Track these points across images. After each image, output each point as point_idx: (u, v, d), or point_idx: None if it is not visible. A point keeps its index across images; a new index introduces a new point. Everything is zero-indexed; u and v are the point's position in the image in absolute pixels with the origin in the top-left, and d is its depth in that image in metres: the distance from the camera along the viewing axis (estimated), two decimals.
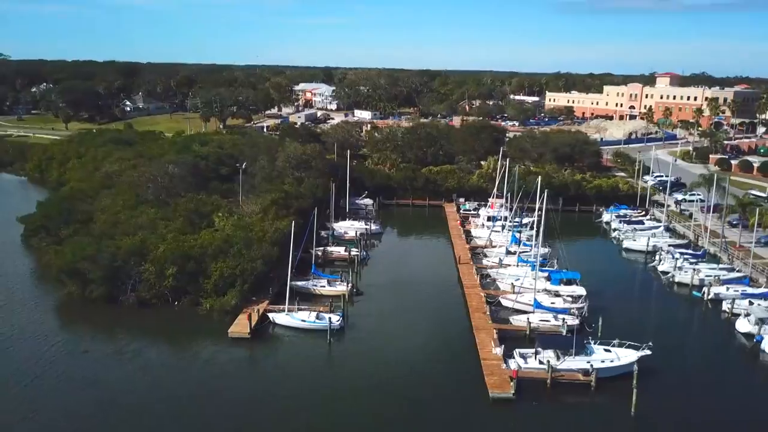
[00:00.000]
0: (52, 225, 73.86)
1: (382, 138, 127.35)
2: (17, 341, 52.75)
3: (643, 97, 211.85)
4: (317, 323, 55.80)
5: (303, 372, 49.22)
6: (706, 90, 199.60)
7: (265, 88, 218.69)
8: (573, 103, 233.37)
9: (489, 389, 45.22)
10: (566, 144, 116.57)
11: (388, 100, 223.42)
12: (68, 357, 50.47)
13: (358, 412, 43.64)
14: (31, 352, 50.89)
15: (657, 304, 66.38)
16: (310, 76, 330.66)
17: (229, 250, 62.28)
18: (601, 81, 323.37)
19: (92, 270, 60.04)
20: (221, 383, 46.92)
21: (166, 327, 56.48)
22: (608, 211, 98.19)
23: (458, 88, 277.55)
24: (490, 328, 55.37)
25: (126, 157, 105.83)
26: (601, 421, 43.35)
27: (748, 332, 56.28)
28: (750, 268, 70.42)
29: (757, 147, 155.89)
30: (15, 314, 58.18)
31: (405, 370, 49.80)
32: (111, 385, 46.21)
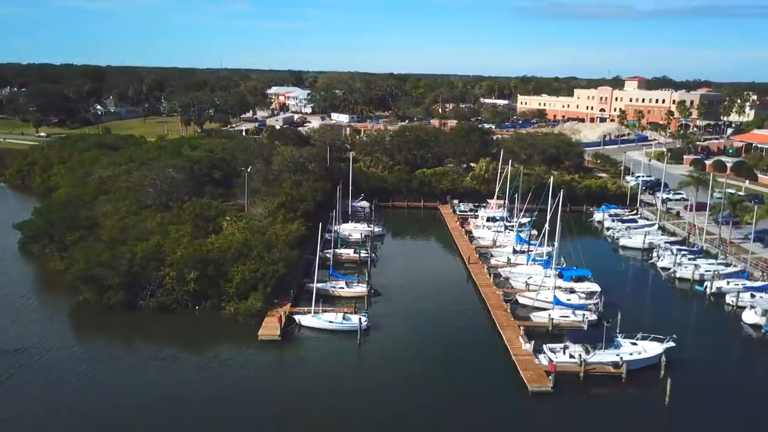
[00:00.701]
0: (56, 231, 72.28)
1: (369, 141, 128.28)
2: (46, 353, 51.39)
3: (612, 100, 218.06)
4: (344, 324, 56.32)
5: (338, 372, 49.71)
6: (673, 93, 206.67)
7: (241, 91, 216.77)
8: (544, 106, 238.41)
9: (527, 383, 46.50)
10: (552, 146, 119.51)
11: (364, 103, 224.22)
12: (102, 365, 49.76)
13: (400, 409, 44.38)
14: (64, 362, 49.91)
15: (662, 298, 68.83)
16: (281, 80, 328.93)
17: (249, 253, 62.21)
18: (566, 84, 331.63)
19: (110, 276, 59.26)
20: (259, 385, 47.14)
21: (194, 332, 56.12)
22: (599, 210, 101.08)
23: (430, 91, 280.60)
24: (513, 324, 56.83)
25: (116, 162, 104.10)
26: (636, 411, 45.04)
27: (755, 323, 59.11)
28: (745, 264, 73.70)
29: (725, 148, 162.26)
30: (33, 325, 56.86)
31: (437, 367, 50.83)
32: (154, 390, 45.86)
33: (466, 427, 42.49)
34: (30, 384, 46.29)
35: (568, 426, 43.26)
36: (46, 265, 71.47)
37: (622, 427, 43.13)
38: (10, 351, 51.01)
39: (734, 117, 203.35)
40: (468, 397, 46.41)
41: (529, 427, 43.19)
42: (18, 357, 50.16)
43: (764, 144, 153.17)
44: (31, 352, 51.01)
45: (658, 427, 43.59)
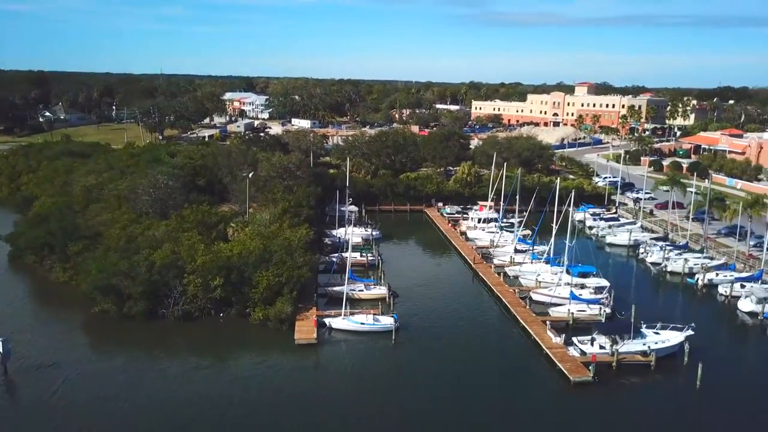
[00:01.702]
0: (56, 242, 69.88)
1: (347, 146, 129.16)
2: (81, 366, 50.05)
3: (565, 104, 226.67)
4: (375, 325, 57.30)
5: (378, 371, 50.76)
6: (622, 98, 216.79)
7: (198, 97, 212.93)
8: (499, 111, 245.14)
9: (569, 374, 48.80)
10: (527, 149, 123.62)
11: (323, 108, 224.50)
12: (145, 376, 48.95)
13: (449, 405, 45.80)
14: (104, 375, 48.69)
15: (658, 291, 73.07)
16: (231, 86, 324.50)
17: (270, 258, 62.22)
18: (513, 90, 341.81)
19: (130, 285, 58.16)
20: (309, 386, 47.69)
21: (227, 339, 55.78)
22: (578, 210, 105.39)
23: (384, 97, 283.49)
24: (537, 320, 59.25)
25: (96, 170, 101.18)
26: (670, 395, 48.04)
27: (752, 311, 63.69)
28: (727, 257, 79.07)
29: (676, 150, 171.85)
30: (56, 338, 55.04)
31: (472, 363, 52.53)
32: (208, 399, 45.52)
33: (519, 419, 44.35)
34: (78, 400, 45.09)
35: (614, 412, 45.80)
36: (46, 277, 69.22)
37: (662, 410, 45.95)
38: (45, 365, 49.46)
39: (677, 121, 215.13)
40: (512, 390, 48.33)
41: (580, 415, 45.36)
42: (56, 371, 48.67)
43: (711, 145, 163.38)
44: (66, 367, 49.50)
45: (693, 409, 46.70)
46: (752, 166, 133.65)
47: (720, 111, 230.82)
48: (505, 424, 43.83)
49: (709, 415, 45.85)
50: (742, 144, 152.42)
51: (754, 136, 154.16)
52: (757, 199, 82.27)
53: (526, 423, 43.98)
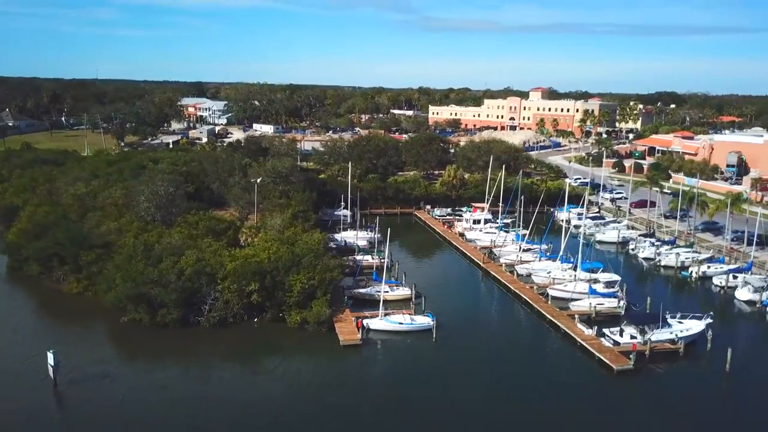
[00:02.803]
0: (66, 252, 67.69)
1: (327, 151, 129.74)
2: (126, 377, 49.32)
3: (521, 109, 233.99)
4: (413, 325, 58.64)
5: (429, 366, 52.38)
6: (576, 103, 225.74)
7: (156, 103, 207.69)
8: (455, 116, 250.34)
9: (612, 364, 51.59)
10: (504, 152, 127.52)
11: (285, 113, 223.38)
12: (198, 384, 48.70)
13: (501, 393, 48.17)
14: (155, 385, 48.23)
15: (657, 283, 77.28)
16: (182, 91, 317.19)
17: (300, 262, 62.49)
18: (464, 95, 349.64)
19: (163, 293, 57.33)
20: (369, 386, 48.62)
21: (270, 343, 55.91)
22: (561, 210, 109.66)
23: (340, 102, 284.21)
24: (562, 314, 62.04)
25: (81, 177, 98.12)
26: (704, 379, 51.78)
27: (750, 299, 68.66)
28: (713, 251, 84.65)
29: (631, 152, 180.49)
30: (91, 350, 53.62)
31: (512, 357, 54.92)
32: (275, 404, 45.78)
33: (572, 406, 46.66)
34: (136, 410, 44.43)
35: (659, 396, 48.68)
36: (57, 288, 67.03)
37: (701, 392, 49.55)
38: (91, 377, 48.39)
39: (627, 124, 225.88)
40: (558, 380, 50.73)
41: (629, 400, 48.08)
42: (105, 383, 47.83)
43: (665, 147, 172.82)
44: (114, 378, 48.71)
45: (729, 390, 50.41)
46: (709, 166, 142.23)
47: (664, 115, 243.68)
48: (560, 411, 45.88)
49: (743, 395, 49.53)
50: (695, 145, 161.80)
51: (705, 138, 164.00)
52: (738, 197, 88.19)
53: (581, 410, 46.29)
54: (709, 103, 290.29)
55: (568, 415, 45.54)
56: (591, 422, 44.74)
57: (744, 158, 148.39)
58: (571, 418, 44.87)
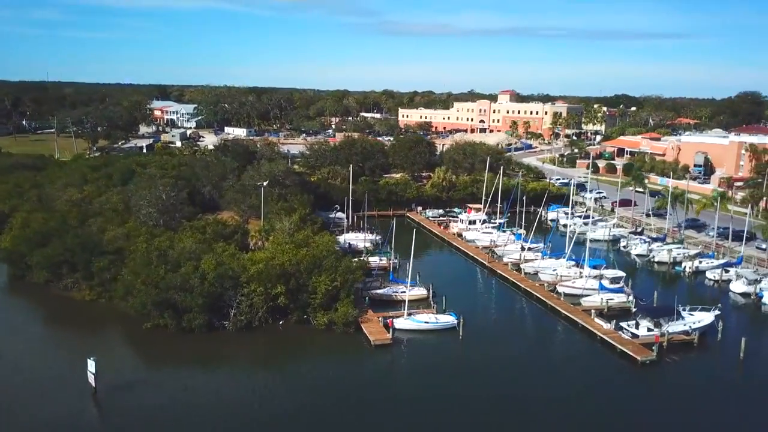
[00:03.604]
0: (78, 259, 66.32)
1: (312, 154, 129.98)
2: (162, 383, 49.18)
3: (491, 112, 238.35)
4: (439, 323, 59.89)
5: (459, 362, 53.82)
6: (545, 106, 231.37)
7: (125, 106, 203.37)
8: (425, 119, 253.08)
9: (636, 355, 53.91)
10: (488, 154, 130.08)
11: (256, 116, 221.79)
12: (235, 388, 48.71)
13: (531, 384, 49.89)
14: (194, 391, 48.13)
15: (654, 278, 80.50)
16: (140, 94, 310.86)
17: (321, 264, 62.91)
18: (428, 98, 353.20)
19: (189, 298, 56.98)
20: (412, 383, 49.60)
21: (302, 346, 56.43)
22: (550, 209, 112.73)
23: (308, 104, 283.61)
24: (577, 309, 64.29)
25: (72, 183, 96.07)
26: (721, 366, 54.58)
27: (744, 291, 72.40)
28: (702, 247, 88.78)
29: (601, 153, 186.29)
30: (120, 357, 52.96)
31: (538, 350, 57.06)
32: (316, 406, 46.21)
33: (602, 396, 48.74)
34: (179, 416, 44.33)
35: (685, 385, 51.24)
36: (67, 296, 65.61)
37: (721, 379, 52.30)
38: (127, 383, 48.06)
39: (592, 126, 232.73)
40: (584, 371, 52.86)
41: (657, 389, 50.36)
42: (142, 389, 47.65)
43: (631, 148, 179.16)
44: (155, 384, 48.60)
45: (743, 378, 53.28)
46: (680, 166, 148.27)
47: (626, 117, 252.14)
48: (593, 401, 47.81)
49: (759, 382, 52.50)
50: (662, 146, 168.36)
51: (673, 139, 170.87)
52: (723, 195, 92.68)
53: (612, 399, 48.38)
54: (665, 105, 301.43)
55: (602, 404, 47.51)
56: (625, 410, 46.79)
57: (710, 158, 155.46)
58: (605, 408, 46.92)
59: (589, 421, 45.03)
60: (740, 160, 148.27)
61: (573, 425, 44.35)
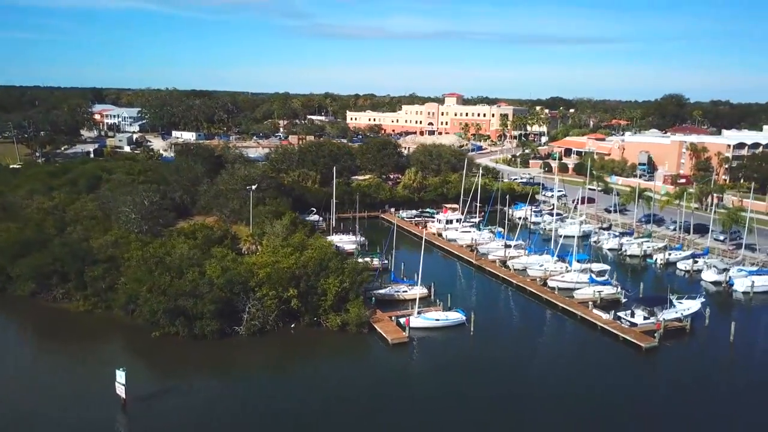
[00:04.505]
0: (70, 268, 63.62)
1: (277, 157, 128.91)
2: (188, 391, 48.18)
3: (439, 114, 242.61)
4: (449, 320, 61.31)
5: (475, 355, 55.32)
6: (491, 108, 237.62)
7: (66, 111, 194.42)
8: (374, 121, 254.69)
9: (639, 342, 57.08)
10: (452, 156, 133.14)
11: (205, 120, 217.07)
12: (261, 394, 48.46)
13: (545, 373, 52.41)
14: (222, 398, 47.63)
15: (629, 270, 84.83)
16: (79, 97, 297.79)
17: (327, 266, 63.03)
18: (372, 101, 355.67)
19: (200, 305, 55.96)
20: (438, 378, 50.78)
21: (320, 348, 56.55)
22: (516, 208, 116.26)
23: (254, 107, 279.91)
24: (573, 302, 67.20)
25: (37, 190, 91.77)
26: (714, 349, 58.62)
27: (715, 280, 77.58)
28: (667, 240, 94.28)
29: (550, 153, 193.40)
30: (137, 368, 51.40)
31: (545, 342, 59.79)
32: (352, 408, 46.67)
33: (612, 382, 51.46)
34: (211, 425, 43.77)
35: (689, 368, 54.77)
36: (59, 308, 62.91)
37: (717, 360, 56.35)
38: (154, 393, 46.92)
39: (538, 128, 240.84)
40: (591, 360, 55.58)
41: (664, 373, 53.83)
42: (170, 399, 46.64)
43: (578, 148, 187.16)
44: (182, 392, 47.59)
45: (736, 358, 57.51)
46: (628, 164, 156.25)
47: (567, 119, 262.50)
48: (609, 386, 50.45)
49: (749, 360, 56.83)
50: (608, 146, 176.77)
51: (617, 139, 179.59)
52: (683, 192, 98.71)
53: (623, 385, 51.09)
54: (599, 107, 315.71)
55: (619, 389, 50.19)
56: (641, 392, 49.60)
57: (652, 157, 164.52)
58: (623, 391, 49.68)
59: (611, 404, 47.50)
60: (681, 159, 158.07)
61: (598, 410, 46.64)
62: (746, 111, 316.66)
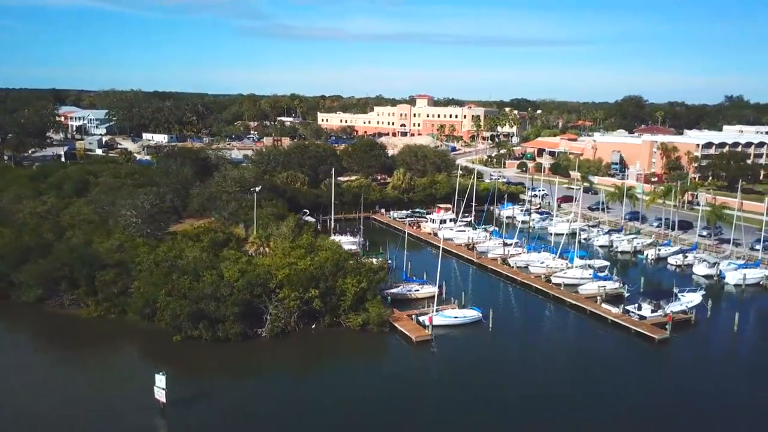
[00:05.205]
0: (79, 273, 62.13)
1: (263, 159, 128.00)
2: (227, 395, 47.80)
3: (411, 116, 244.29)
4: (467, 318, 62.34)
5: (496, 350, 56.70)
6: (463, 109, 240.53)
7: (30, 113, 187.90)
8: (346, 123, 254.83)
9: (652, 335, 59.21)
10: (437, 157, 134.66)
11: (176, 122, 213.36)
12: (299, 394, 48.64)
13: (564, 364, 54.46)
14: (262, 398, 47.68)
15: (622, 266, 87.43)
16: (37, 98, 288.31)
17: (343, 267, 63.26)
18: (338, 103, 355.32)
19: (222, 308, 55.55)
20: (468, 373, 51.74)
21: (345, 347, 57.17)
22: (502, 207, 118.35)
23: (222, 109, 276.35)
24: (581, 297, 69.12)
25: (25, 194, 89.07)
26: (725, 338, 61.39)
27: (707, 274, 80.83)
28: (654, 237, 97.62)
29: (523, 154, 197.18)
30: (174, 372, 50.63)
31: (560, 336, 61.69)
32: (385, 406, 47.15)
33: (629, 373, 53.41)
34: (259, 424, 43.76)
35: (701, 355, 57.43)
36: (67, 314, 61.42)
37: (725, 349, 59.13)
38: (191, 397, 46.36)
39: (509, 129, 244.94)
40: (609, 353, 57.50)
41: (678, 363, 56.03)
42: (209, 402, 46.15)
43: (551, 148, 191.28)
44: (219, 396, 47.26)
45: (741, 346, 60.32)
46: (603, 164, 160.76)
47: (535, 120, 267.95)
48: (625, 377, 52.32)
49: (754, 349, 59.64)
50: (580, 146, 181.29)
51: (589, 139, 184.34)
52: (669, 189, 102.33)
53: (641, 375, 53.12)
54: (563, 108, 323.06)
55: (640, 379, 52.05)
56: (654, 381, 51.67)
57: (623, 156, 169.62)
58: (644, 382, 51.55)
59: (636, 395, 49.25)
60: (652, 158, 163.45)
61: (633, 406, 48.27)
62: (701, 112, 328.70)
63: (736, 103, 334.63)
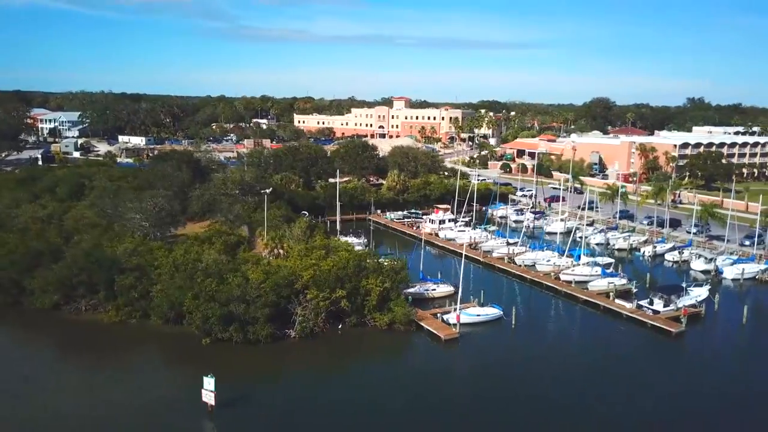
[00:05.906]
0: (98, 279, 60.94)
1: (252, 161, 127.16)
2: (274, 398, 47.75)
3: (390, 117, 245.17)
4: (489, 315, 63.38)
5: (520, 346, 57.76)
6: (441, 111, 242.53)
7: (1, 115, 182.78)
8: (324, 124, 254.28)
9: (669, 328, 61.21)
10: (428, 159, 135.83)
11: (153, 124, 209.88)
12: (342, 394, 48.90)
13: (585, 357, 56.21)
14: (307, 401, 47.55)
15: (621, 263, 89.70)
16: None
17: (365, 267, 63.61)
18: (310, 104, 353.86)
19: (253, 310, 55.35)
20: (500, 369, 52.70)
21: (376, 347, 57.80)
22: (495, 207, 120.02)
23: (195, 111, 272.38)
24: (593, 294, 70.90)
25: (21, 198, 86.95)
26: (736, 330, 63.84)
27: (704, 269, 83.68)
28: (648, 235, 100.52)
29: (503, 155, 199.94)
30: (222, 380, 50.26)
31: (580, 331, 63.37)
32: (419, 403, 47.80)
33: (650, 365, 55.14)
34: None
35: (716, 347, 59.70)
36: (86, 320, 60.56)
37: (737, 339, 61.37)
38: (234, 401, 46.13)
39: (486, 131, 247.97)
40: (628, 346, 59.28)
41: (697, 354, 58.22)
42: (262, 404, 46.26)
43: (530, 149, 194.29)
44: (266, 398, 47.32)
45: (753, 337, 62.82)
46: (585, 164, 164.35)
47: (511, 122, 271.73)
48: (647, 370, 53.93)
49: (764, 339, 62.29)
50: (560, 147, 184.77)
51: (569, 140, 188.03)
52: (659, 189, 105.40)
53: (664, 367, 54.83)
54: (535, 110, 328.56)
55: (658, 372, 53.70)
56: (678, 374, 53.55)
57: (602, 157, 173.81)
58: (662, 373, 53.30)
59: (663, 387, 50.92)
60: (631, 158, 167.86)
61: (652, 394, 49.89)
62: (665, 113, 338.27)
63: (698, 105, 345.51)
